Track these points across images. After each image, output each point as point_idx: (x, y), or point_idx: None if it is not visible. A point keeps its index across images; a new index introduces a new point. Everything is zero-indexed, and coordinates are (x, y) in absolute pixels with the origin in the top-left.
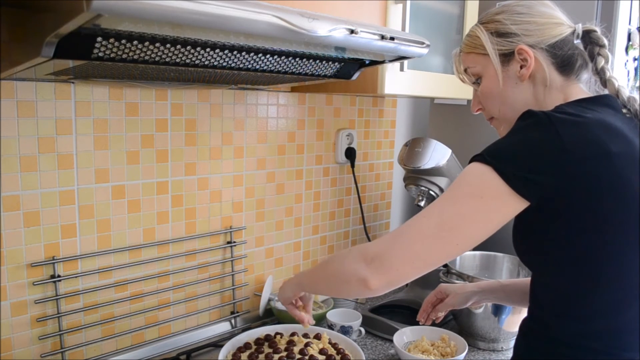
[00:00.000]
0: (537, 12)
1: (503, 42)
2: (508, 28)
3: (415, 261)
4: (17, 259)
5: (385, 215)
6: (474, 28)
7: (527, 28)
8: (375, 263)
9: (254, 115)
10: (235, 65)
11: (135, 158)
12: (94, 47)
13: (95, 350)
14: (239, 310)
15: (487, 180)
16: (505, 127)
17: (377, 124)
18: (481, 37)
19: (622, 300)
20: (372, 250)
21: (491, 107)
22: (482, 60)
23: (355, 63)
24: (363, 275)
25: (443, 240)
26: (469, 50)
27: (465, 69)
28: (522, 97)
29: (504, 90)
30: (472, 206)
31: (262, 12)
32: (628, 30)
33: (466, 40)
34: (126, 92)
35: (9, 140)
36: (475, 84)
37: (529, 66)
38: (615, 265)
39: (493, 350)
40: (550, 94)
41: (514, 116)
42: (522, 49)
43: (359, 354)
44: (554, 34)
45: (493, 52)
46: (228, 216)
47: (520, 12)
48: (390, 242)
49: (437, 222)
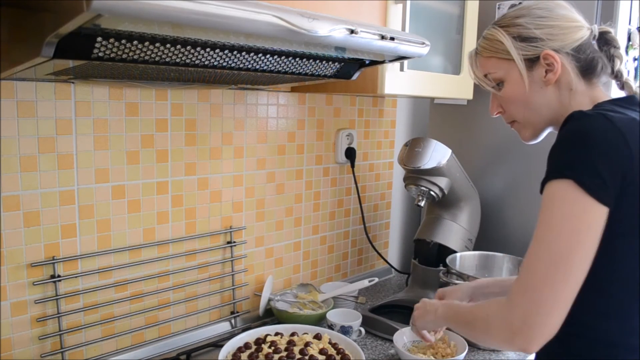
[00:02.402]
0: (558, 15)
1: (527, 47)
2: (532, 32)
3: (556, 305)
4: (17, 259)
5: (385, 215)
6: (494, 32)
7: (551, 32)
8: (524, 330)
9: (254, 115)
10: (235, 65)
11: (135, 158)
12: (94, 47)
13: (95, 350)
14: (239, 310)
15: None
16: (529, 131)
17: (377, 124)
18: (504, 42)
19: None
20: (515, 318)
21: (515, 112)
22: (505, 65)
23: (355, 63)
24: (519, 345)
25: (564, 273)
26: (489, 55)
27: (485, 74)
28: (547, 102)
29: (529, 96)
30: (573, 229)
31: (262, 12)
32: (628, 30)
33: (485, 44)
34: (126, 92)
35: (9, 140)
36: (495, 88)
37: (556, 71)
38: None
39: (493, 350)
40: (575, 98)
41: (539, 120)
42: (548, 54)
43: (359, 354)
44: (577, 38)
45: (518, 57)
46: (228, 216)
47: (542, 15)
48: (526, 302)
49: (551, 258)
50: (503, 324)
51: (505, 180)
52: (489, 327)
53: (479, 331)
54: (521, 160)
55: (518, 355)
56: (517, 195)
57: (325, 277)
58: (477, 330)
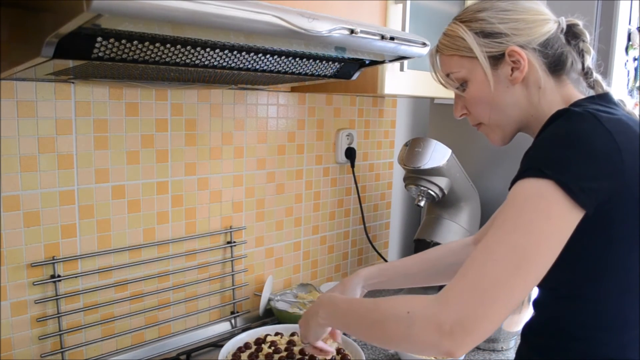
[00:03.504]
0: (523, 8)
1: (491, 43)
2: (496, 27)
3: (502, 311)
4: (17, 259)
5: (385, 215)
6: (455, 27)
7: (516, 27)
8: (456, 333)
9: (254, 115)
10: (235, 65)
11: (135, 158)
12: (94, 47)
13: (95, 350)
14: (239, 310)
15: (550, 199)
16: (497, 134)
17: (377, 124)
18: (466, 38)
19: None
20: (449, 318)
21: (480, 113)
22: (468, 63)
23: (355, 63)
24: (446, 349)
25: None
26: (451, 53)
27: (447, 73)
28: (514, 102)
29: (495, 96)
30: (543, 231)
31: (262, 12)
32: (628, 30)
33: (446, 41)
34: (126, 92)
35: (9, 140)
36: (459, 89)
37: (522, 69)
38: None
39: (493, 350)
40: (545, 97)
41: (507, 122)
42: (513, 50)
43: (359, 354)
44: (544, 32)
45: (481, 54)
46: (228, 216)
47: (506, 9)
48: (468, 302)
49: (512, 259)
50: (429, 325)
51: (505, 180)
52: (409, 327)
53: (391, 332)
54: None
55: None
56: None
57: (325, 277)
58: (389, 330)
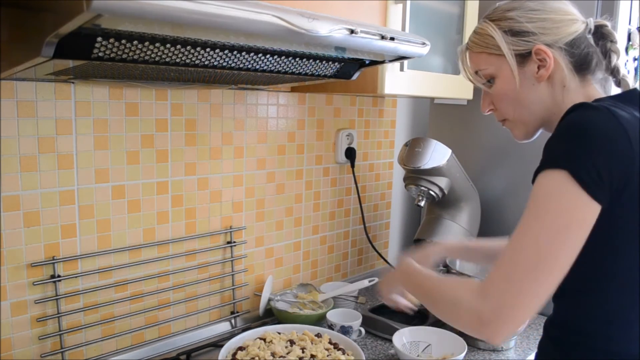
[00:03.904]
0: (551, 8)
1: (519, 41)
2: (524, 26)
3: (536, 300)
4: (17, 259)
5: (385, 215)
6: (484, 25)
7: (544, 26)
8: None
9: (254, 115)
10: (235, 65)
11: (135, 158)
12: (94, 47)
13: (95, 350)
14: (239, 310)
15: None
16: (521, 130)
17: (377, 124)
18: (495, 36)
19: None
20: (486, 309)
21: (506, 110)
22: (496, 60)
23: (355, 63)
24: (486, 336)
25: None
26: (480, 50)
27: (476, 70)
28: (539, 99)
29: (520, 92)
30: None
31: (262, 12)
32: (628, 30)
33: (475, 39)
34: (126, 92)
35: (9, 140)
36: (486, 85)
37: (548, 67)
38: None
39: (493, 350)
40: (569, 95)
41: (531, 118)
42: (539, 48)
43: (359, 354)
44: (571, 32)
45: (509, 52)
46: (228, 216)
47: (534, 8)
48: (504, 294)
49: (535, 252)
50: (472, 313)
51: (505, 180)
52: (457, 312)
53: (445, 312)
54: (521, 160)
55: (518, 355)
56: (517, 195)
57: (325, 277)
58: (443, 311)
